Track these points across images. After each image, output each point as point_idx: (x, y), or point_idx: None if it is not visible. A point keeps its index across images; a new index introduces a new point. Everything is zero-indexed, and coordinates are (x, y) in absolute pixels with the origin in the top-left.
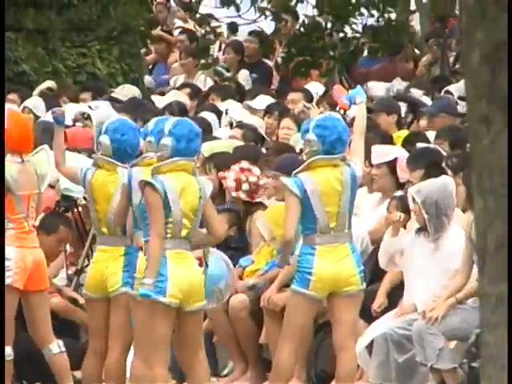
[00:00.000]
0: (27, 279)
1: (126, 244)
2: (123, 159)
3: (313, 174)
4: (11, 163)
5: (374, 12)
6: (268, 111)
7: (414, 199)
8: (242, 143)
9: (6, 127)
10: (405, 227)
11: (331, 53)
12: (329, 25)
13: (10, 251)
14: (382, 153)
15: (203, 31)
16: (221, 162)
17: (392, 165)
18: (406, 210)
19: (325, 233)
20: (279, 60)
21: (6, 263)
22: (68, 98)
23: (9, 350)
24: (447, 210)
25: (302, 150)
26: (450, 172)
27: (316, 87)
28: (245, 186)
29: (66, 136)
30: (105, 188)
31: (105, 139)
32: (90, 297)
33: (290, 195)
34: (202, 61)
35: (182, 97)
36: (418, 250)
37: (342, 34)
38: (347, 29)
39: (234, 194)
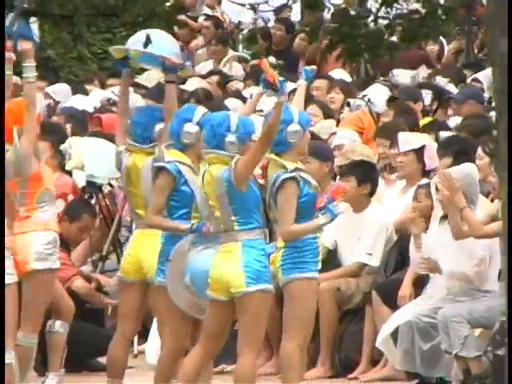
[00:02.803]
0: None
1: None
2: None
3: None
4: None
5: None
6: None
7: (437, 189)
8: None
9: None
10: (429, 217)
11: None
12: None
13: None
14: (409, 140)
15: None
16: None
17: (419, 152)
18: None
19: (216, 230)
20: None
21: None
22: (94, 85)
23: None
24: (473, 197)
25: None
26: (485, 158)
27: (340, 74)
28: None
29: (101, 122)
30: None
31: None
32: (124, 280)
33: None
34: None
35: (204, 84)
36: (443, 238)
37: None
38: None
39: (260, 181)
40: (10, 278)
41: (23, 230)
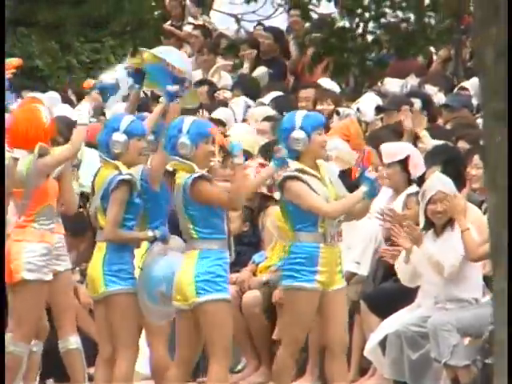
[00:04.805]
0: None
1: None
2: None
3: None
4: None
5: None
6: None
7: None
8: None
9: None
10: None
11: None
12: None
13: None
14: (393, 151)
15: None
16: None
17: (404, 162)
18: None
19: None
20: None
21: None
22: (74, 93)
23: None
24: None
25: None
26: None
27: (328, 83)
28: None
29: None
30: None
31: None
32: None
33: None
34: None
35: None
36: (427, 246)
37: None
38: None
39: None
40: None
41: (18, 238)
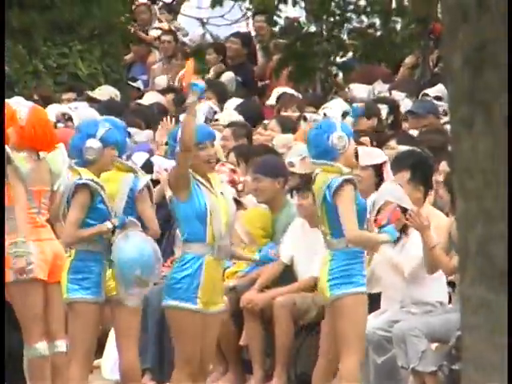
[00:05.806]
0: (49, 271)
1: None
2: None
3: None
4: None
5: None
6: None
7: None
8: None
9: (23, 124)
10: None
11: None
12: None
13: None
14: (370, 155)
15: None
16: None
17: (378, 168)
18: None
19: None
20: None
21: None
22: (40, 97)
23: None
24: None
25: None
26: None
27: (289, 90)
28: (240, 187)
29: None
30: None
31: None
32: None
33: None
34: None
35: (160, 98)
36: (385, 250)
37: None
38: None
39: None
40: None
41: (52, 236)
